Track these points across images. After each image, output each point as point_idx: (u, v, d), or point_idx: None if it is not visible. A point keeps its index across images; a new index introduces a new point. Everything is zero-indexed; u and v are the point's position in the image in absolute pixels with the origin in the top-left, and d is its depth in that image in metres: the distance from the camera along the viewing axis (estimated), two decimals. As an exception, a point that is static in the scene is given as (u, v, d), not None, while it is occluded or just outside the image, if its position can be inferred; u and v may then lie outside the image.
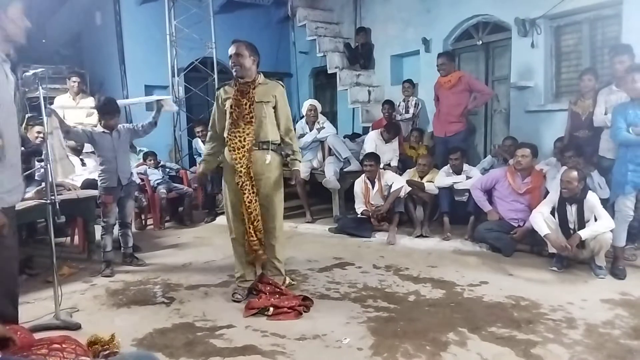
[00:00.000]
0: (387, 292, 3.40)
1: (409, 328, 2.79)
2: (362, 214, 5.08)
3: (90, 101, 5.98)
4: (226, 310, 3.12)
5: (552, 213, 3.82)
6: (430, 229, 4.90)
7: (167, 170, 6.16)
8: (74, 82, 5.84)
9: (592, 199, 3.65)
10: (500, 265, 3.95)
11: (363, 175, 5.14)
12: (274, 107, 3.24)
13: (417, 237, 4.80)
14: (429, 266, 3.96)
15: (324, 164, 5.71)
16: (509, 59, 5.84)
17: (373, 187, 5.08)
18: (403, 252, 4.47)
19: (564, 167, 4.01)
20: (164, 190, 5.73)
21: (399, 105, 6.41)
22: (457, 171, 4.98)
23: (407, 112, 6.37)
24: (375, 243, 4.81)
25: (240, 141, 3.16)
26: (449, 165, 5.03)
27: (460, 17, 6.27)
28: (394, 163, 5.68)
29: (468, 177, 4.89)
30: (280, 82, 3.37)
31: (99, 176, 4.03)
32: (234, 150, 3.16)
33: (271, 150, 3.23)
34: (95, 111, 5.94)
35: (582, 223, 3.65)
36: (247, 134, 3.15)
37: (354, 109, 7.35)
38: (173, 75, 7.21)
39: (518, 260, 4.06)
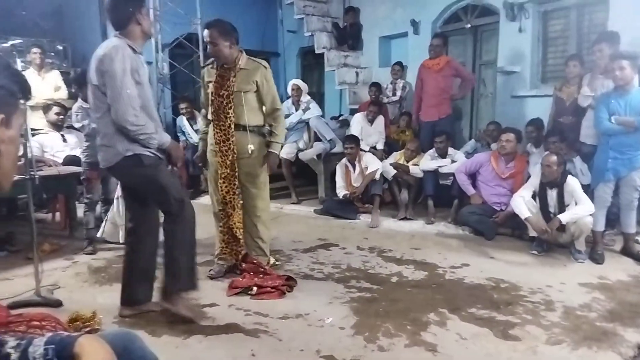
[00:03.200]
0: (370, 273, 3.44)
1: (390, 308, 2.83)
2: (342, 197, 5.09)
3: (55, 75, 5.75)
4: (209, 289, 3.12)
5: (534, 197, 3.88)
6: (415, 211, 4.94)
7: None
8: (35, 54, 5.48)
9: (573, 184, 3.70)
10: (482, 248, 4.01)
11: (345, 157, 5.14)
12: (257, 91, 3.22)
13: (401, 219, 4.83)
14: (412, 248, 4.00)
15: (310, 145, 5.69)
16: (496, 43, 5.83)
17: (354, 170, 5.09)
18: (387, 234, 4.51)
19: (546, 152, 4.05)
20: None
21: (386, 88, 6.38)
22: (442, 155, 5.00)
23: (394, 94, 6.34)
24: (360, 225, 4.84)
25: (222, 125, 3.19)
26: (434, 149, 5.05)
27: (450, 0, 6.22)
28: (380, 146, 5.68)
29: (453, 161, 4.92)
30: (264, 62, 3.31)
31: (82, 152, 3.96)
32: (217, 132, 3.21)
33: (253, 132, 3.24)
34: (62, 85, 5.77)
35: (562, 207, 3.71)
36: (228, 119, 3.17)
37: (341, 90, 7.30)
38: (157, 51, 7.03)
39: (499, 243, 4.12)
